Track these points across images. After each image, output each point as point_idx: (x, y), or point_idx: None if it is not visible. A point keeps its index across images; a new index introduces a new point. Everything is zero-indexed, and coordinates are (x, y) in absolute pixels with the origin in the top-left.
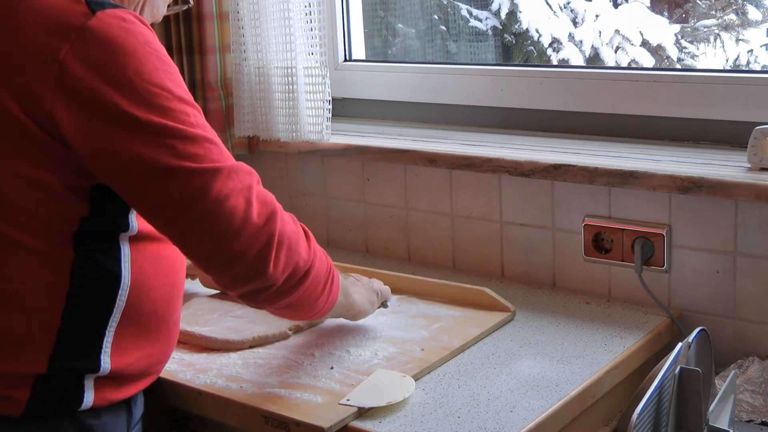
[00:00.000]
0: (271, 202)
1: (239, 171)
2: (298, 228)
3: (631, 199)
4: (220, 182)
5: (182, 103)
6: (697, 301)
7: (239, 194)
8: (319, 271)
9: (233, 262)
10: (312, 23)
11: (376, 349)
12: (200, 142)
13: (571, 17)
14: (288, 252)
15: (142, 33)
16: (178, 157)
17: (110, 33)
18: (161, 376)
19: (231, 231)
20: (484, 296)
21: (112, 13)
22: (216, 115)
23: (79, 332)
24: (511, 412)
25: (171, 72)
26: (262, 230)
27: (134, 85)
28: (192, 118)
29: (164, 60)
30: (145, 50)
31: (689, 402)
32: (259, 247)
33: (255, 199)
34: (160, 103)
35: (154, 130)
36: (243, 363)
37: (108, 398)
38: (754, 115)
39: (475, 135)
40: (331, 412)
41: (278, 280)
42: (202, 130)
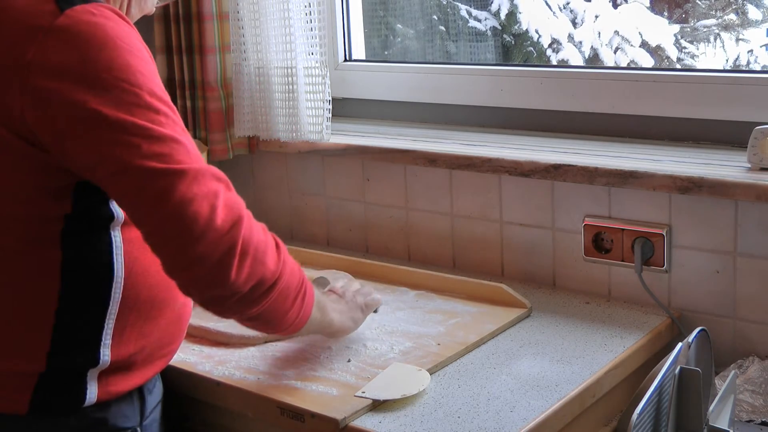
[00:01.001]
0: (238, 209)
1: (207, 175)
2: (267, 238)
3: (631, 199)
4: (185, 185)
5: (153, 99)
6: (697, 301)
7: (204, 198)
8: (289, 283)
9: (194, 267)
10: (312, 23)
11: (393, 343)
12: (167, 141)
13: (571, 18)
14: (253, 261)
15: (113, 27)
16: (143, 156)
17: (79, 30)
18: (180, 367)
19: (193, 235)
20: (501, 292)
21: (82, 9)
22: (216, 115)
23: (76, 329)
24: (511, 412)
25: (144, 68)
26: (225, 236)
27: (103, 80)
28: (162, 117)
29: (137, 55)
30: (116, 45)
31: (689, 402)
32: (221, 253)
33: (221, 205)
34: (128, 100)
35: (121, 128)
36: (261, 355)
37: (113, 391)
38: (754, 115)
39: (475, 135)
40: (346, 404)
41: (241, 288)
42: (171, 130)
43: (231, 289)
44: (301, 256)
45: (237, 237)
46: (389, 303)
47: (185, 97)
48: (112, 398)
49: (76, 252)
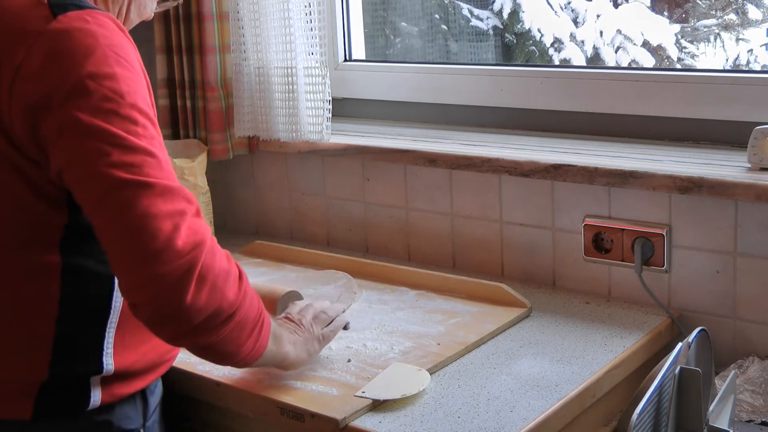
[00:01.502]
0: (202, 234)
1: (175, 193)
2: (230, 267)
3: (631, 199)
4: (149, 199)
5: (133, 110)
6: (697, 301)
7: (167, 216)
8: (247, 315)
9: (147, 286)
10: (312, 23)
11: (393, 343)
12: (140, 153)
13: (572, 17)
14: (212, 288)
15: (105, 35)
16: (112, 165)
17: (69, 36)
18: (180, 367)
19: (150, 251)
20: (501, 292)
21: (75, 15)
22: (216, 115)
23: (77, 338)
24: (511, 412)
25: (130, 79)
26: (184, 258)
27: (85, 86)
28: (139, 129)
29: (125, 66)
30: (105, 53)
31: (689, 402)
32: (177, 274)
33: (184, 226)
34: (108, 108)
35: (94, 134)
36: None
37: (117, 394)
38: (754, 115)
39: (475, 135)
40: (346, 404)
41: (197, 315)
42: (147, 143)
43: (185, 315)
44: (301, 256)
45: (196, 260)
46: (389, 303)
47: (185, 97)
48: (115, 401)
49: (75, 260)
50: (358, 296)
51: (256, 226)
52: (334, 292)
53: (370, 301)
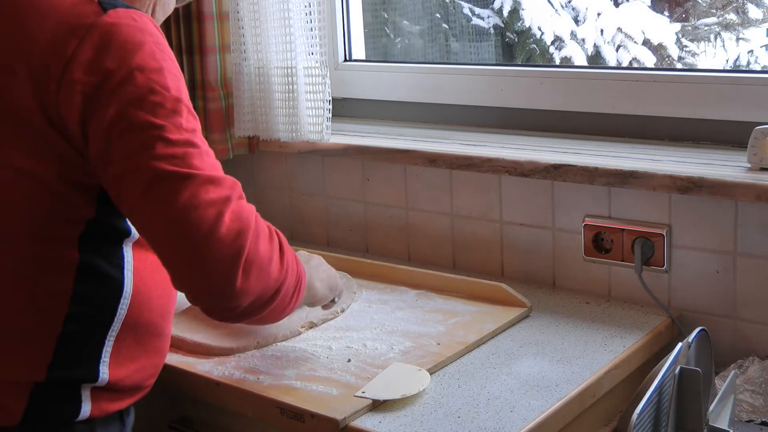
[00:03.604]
0: (246, 219)
1: (218, 182)
2: (272, 246)
3: (631, 199)
4: (191, 189)
5: (179, 104)
6: (697, 301)
7: (210, 205)
8: (289, 285)
9: (197, 277)
10: (312, 23)
11: (393, 343)
12: (182, 146)
13: (573, 15)
14: (258, 272)
15: (152, 33)
16: (156, 157)
17: (120, 30)
18: (180, 367)
19: (195, 242)
20: (500, 291)
21: (125, 13)
22: (216, 115)
23: (81, 340)
24: (511, 412)
25: (175, 74)
26: (229, 246)
27: (134, 78)
28: (183, 121)
29: (171, 62)
30: (152, 48)
31: (689, 402)
32: (225, 264)
33: (228, 213)
34: (154, 100)
35: (140, 127)
36: (261, 355)
37: (104, 409)
38: (754, 115)
39: (475, 135)
40: (346, 405)
41: (246, 299)
42: (190, 135)
43: (236, 300)
44: None
45: (243, 247)
46: (389, 303)
47: None
48: (101, 416)
49: (92, 258)
50: (358, 296)
51: None
52: None
53: (370, 301)
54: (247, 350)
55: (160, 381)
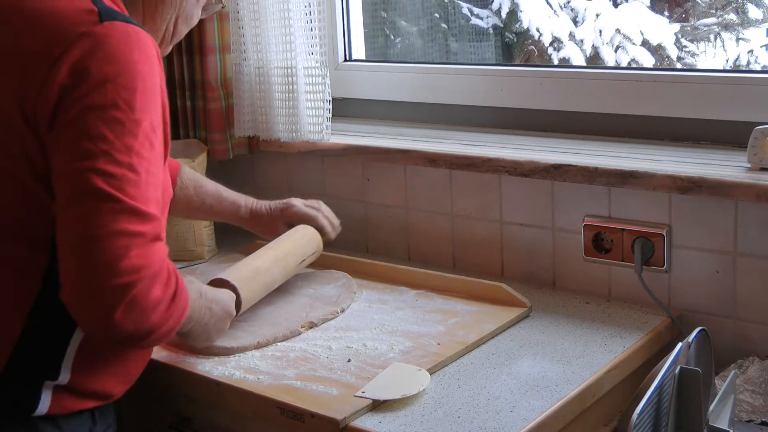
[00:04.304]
0: (149, 261)
1: (139, 215)
2: (166, 291)
3: (631, 199)
4: (112, 214)
5: (137, 126)
6: (697, 301)
7: (122, 236)
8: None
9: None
10: (312, 23)
11: (393, 343)
12: (123, 167)
13: (572, 16)
14: (140, 313)
15: (141, 51)
16: (94, 170)
17: (110, 41)
18: (180, 367)
19: (94, 263)
20: (500, 291)
21: (122, 26)
22: (216, 115)
23: (43, 338)
24: (511, 412)
25: (149, 98)
26: (122, 279)
27: (105, 87)
28: (136, 145)
29: (147, 84)
30: (135, 67)
31: (689, 402)
32: (111, 293)
33: (135, 249)
34: (114, 115)
35: (91, 135)
36: (261, 356)
37: (66, 407)
38: (754, 115)
39: (475, 135)
40: (346, 404)
41: (117, 332)
42: (137, 160)
43: (108, 331)
44: None
45: (133, 286)
46: (389, 303)
47: (185, 97)
48: (63, 413)
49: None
50: (358, 296)
51: None
52: (333, 292)
53: (370, 301)
54: (247, 350)
55: (160, 381)
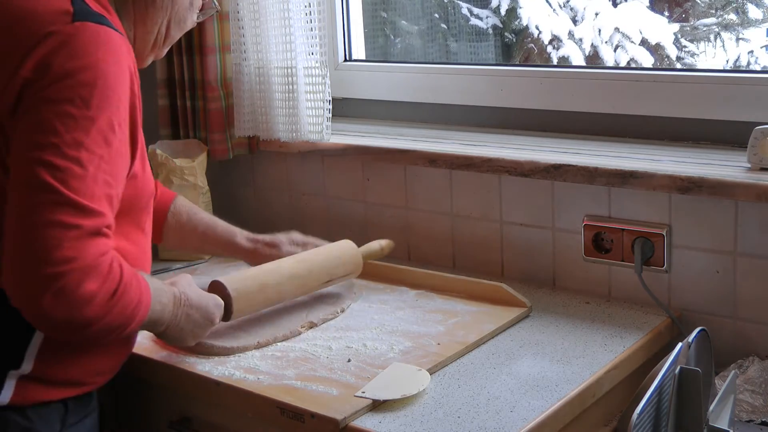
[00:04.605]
0: (84, 254)
1: (81, 209)
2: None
3: (631, 199)
4: (51, 206)
5: (91, 123)
6: (697, 301)
7: (58, 227)
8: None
9: (14, 279)
10: (312, 23)
11: (393, 343)
12: (70, 161)
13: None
14: (69, 305)
15: (108, 51)
16: (40, 162)
17: (77, 39)
18: (180, 367)
19: (28, 252)
20: (500, 291)
21: (92, 26)
22: (216, 115)
23: (5, 327)
24: (511, 412)
25: (110, 98)
26: (52, 269)
27: (63, 82)
28: (87, 141)
29: (110, 84)
30: (97, 65)
31: (689, 402)
32: (39, 282)
33: (69, 241)
34: (67, 109)
35: (43, 127)
36: (261, 355)
37: (32, 397)
38: (754, 115)
39: (475, 135)
40: (346, 404)
41: (46, 321)
42: (86, 156)
43: (38, 318)
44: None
45: (61, 276)
46: (389, 303)
47: (185, 97)
48: (27, 404)
49: None
50: (358, 296)
51: (256, 226)
52: (333, 292)
53: (370, 301)
54: (247, 350)
55: (160, 381)
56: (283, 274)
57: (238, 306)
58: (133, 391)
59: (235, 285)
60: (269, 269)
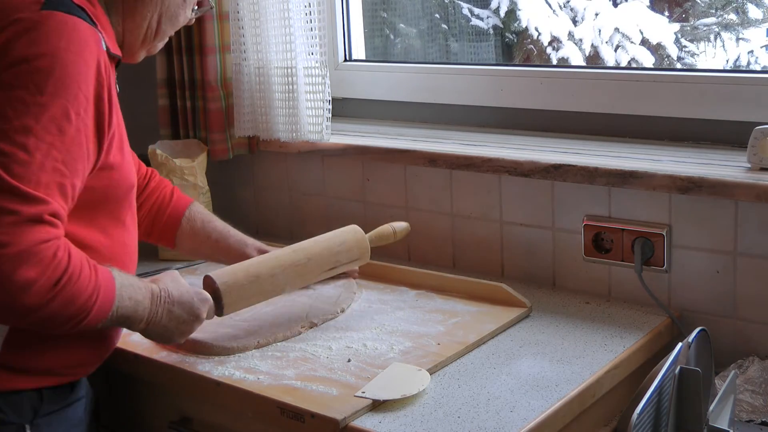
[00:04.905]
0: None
1: (21, 196)
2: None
3: (631, 199)
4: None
5: (42, 110)
6: (697, 301)
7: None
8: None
9: None
10: (312, 23)
11: (393, 343)
12: (15, 146)
13: (571, 16)
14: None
15: (72, 40)
16: None
17: (41, 26)
18: (180, 367)
19: None
20: (500, 292)
21: (59, 15)
22: (216, 115)
23: None
24: (511, 412)
25: (64, 85)
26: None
27: (19, 67)
28: (37, 127)
29: (70, 71)
30: (57, 53)
31: (689, 402)
32: None
33: (5, 227)
34: (19, 95)
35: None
36: (261, 355)
37: (1, 385)
38: (754, 115)
39: (475, 135)
40: (346, 404)
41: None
42: (33, 142)
43: None
44: None
45: None
46: (389, 303)
47: (185, 97)
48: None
49: None
50: (358, 296)
51: (257, 226)
52: (333, 292)
53: (370, 301)
54: (247, 350)
55: (160, 381)
56: (277, 263)
57: (229, 299)
58: (133, 391)
59: (224, 279)
60: (262, 260)
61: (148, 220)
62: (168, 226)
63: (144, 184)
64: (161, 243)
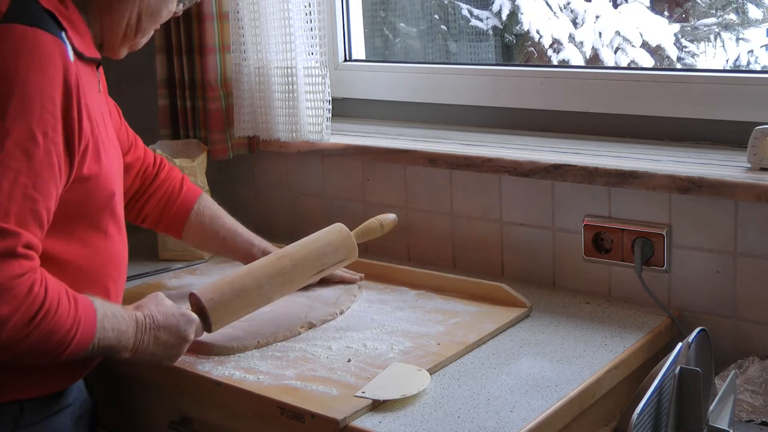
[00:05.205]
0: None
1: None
2: (16, 314)
3: (631, 199)
4: None
5: (4, 136)
6: (697, 301)
7: None
8: (29, 348)
9: None
10: (312, 23)
11: (393, 343)
12: None
13: (572, 18)
14: None
15: (33, 58)
16: None
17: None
18: (180, 367)
19: None
20: (501, 292)
21: (18, 29)
22: (216, 115)
23: None
24: (511, 412)
25: (27, 105)
26: None
27: None
28: (2, 155)
29: (32, 91)
30: (16, 75)
31: (689, 402)
32: None
33: None
34: None
35: None
36: (261, 355)
37: None
38: (754, 115)
39: (475, 135)
40: (346, 404)
41: None
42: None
43: None
44: None
45: None
46: (389, 303)
47: (185, 97)
48: None
49: None
50: (358, 296)
51: (257, 226)
52: (333, 292)
53: (370, 301)
54: (247, 350)
55: (160, 381)
56: (262, 273)
57: (216, 316)
58: (133, 391)
59: (210, 295)
60: (248, 270)
61: (156, 211)
62: (176, 218)
63: (153, 174)
64: (169, 233)
